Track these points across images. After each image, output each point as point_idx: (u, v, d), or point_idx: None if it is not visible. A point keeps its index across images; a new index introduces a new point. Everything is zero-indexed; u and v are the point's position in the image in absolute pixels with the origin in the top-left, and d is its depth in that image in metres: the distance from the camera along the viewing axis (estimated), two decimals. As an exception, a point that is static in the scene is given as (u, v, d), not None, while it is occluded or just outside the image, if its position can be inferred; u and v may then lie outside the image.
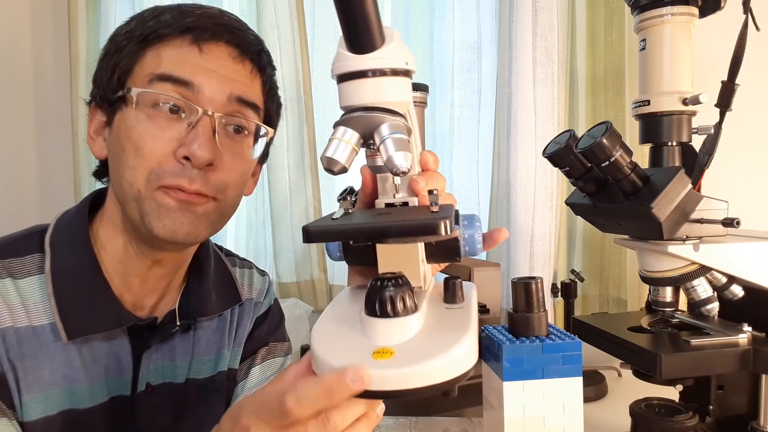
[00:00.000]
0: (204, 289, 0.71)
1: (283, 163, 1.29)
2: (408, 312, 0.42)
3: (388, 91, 0.43)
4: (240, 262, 0.81)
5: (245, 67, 0.63)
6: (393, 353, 0.39)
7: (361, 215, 0.46)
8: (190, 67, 0.59)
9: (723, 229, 0.71)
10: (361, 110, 0.43)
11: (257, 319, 0.78)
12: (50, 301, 0.59)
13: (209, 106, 0.59)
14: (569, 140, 0.74)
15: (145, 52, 0.60)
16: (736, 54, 0.77)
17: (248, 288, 0.79)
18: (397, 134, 0.42)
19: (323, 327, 0.45)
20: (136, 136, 0.58)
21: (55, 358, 0.59)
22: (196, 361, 0.71)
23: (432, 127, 1.37)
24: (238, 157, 0.63)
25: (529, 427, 0.55)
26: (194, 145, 0.57)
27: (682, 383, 0.78)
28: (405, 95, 0.45)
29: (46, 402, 0.58)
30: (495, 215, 1.30)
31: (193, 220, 0.60)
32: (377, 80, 0.43)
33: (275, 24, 1.26)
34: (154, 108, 0.59)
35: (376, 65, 0.42)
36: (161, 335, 0.67)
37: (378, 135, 0.43)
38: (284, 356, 0.79)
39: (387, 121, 0.43)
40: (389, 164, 0.42)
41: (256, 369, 0.76)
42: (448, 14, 1.37)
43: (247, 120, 0.63)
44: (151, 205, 0.58)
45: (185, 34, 0.60)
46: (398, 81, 0.44)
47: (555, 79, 1.22)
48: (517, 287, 0.58)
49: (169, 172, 0.58)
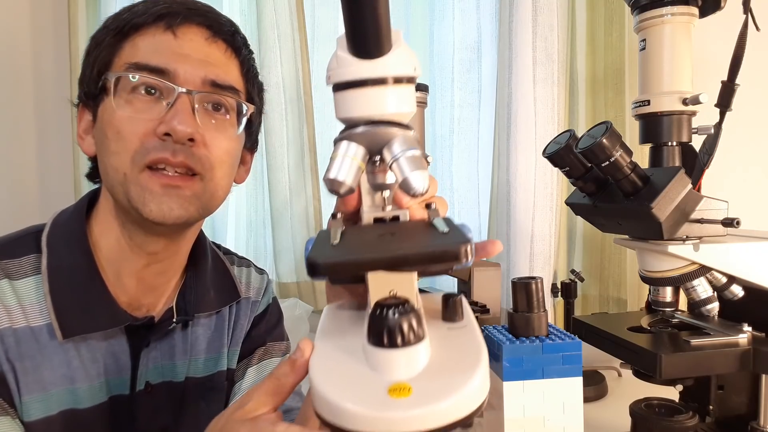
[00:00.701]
0: (201, 285, 0.71)
1: (283, 163, 1.29)
2: (418, 339, 0.38)
3: (397, 101, 0.39)
4: (238, 260, 0.81)
5: (219, 48, 0.63)
6: (410, 389, 0.36)
7: (361, 238, 0.41)
8: (164, 54, 0.60)
9: (723, 229, 0.71)
10: (367, 124, 0.39)
11: (255, 319, 0.78)
12: (46, 300, 0.59)
13: (185, 86, 0.60)
14: (569, 140, 0.74)
15: (122, 44, 0.61)
16: (736, 54, 0.77)
17: (246, 287, 0.78)
18: (411, 151, 0.39)
19: (322, 361, 0.40)
20: (117, 121, 0.59)
21: (54, 358, 0.59)
22: (195, 359, 0.71)
23: (432, 127, 1.37)
24: (221, 132, 0.63)
25: (529, 427, 0.55)
26: (174, 121, 0.58)
27: (682, 383, 0.78)
28: (413, 105, 0.41)
29: (46, 402, 0.58)
30: (495, 215, 1.30)
31: (182, 204, 0.60)
32: (385, 89, 0.38)
33: (275, 24, 1.26)
34: (132, 93, 0.59)
35: (385, 72, 0.38)
36: (159, 333, 0.67)
37: (389, 152, 0.39)
38: (281, 356, 0.79)
39: (398, 136, 0.39)
40: (405, 186, 0.38)
41: (252, 369, 0.76)
42: (448, 14, 1.36)
43: (226, 99, 0.63)
44: (136, 190, 0.59)
45: (158, 21, 0.61)
46: (407, 89, 0.40)
47: (555, 79, 1.22)
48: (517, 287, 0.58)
49: (151, 148, 0.58)
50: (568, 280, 1.14)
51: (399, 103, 0.39)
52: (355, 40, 0.37)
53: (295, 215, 1.30)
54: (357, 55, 0.37)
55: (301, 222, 1.30)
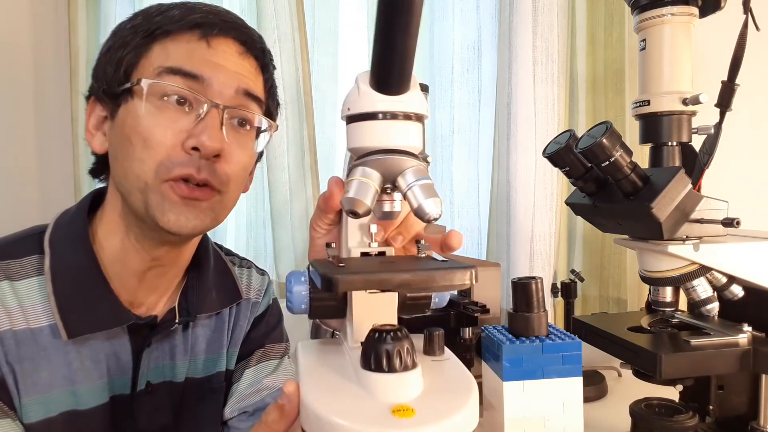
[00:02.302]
0: (204, 286, 0.71)
1: (283, 163, 1.29)
2: (414, 366, 0.41)
3: (414, 135, 0.43)
4: (239, 261, 0.81)
5: (250, 63, 0.64)
6: (413, 411, 0.38)
7: (365, 263, 0.44)
8: (198, 61, 0.60)
9: (723, 229, 0.71)
10: (382, 153, 0.42)
11: (255, 320, 0.78)
12: (50, 300, 0.59)
13: (218, 99, 0.60)
14: (569, 140, 0.74)
15: (152, 45, 0.60)
16: (736, 54, 0.77)
17: (247, 288, 0.78)
18: (424, 180, 0.42)
19: (312, 389, 0.42)
20: (145, 127, 0.58)
21: (54, 360, 0.59)
22: (195, 359, 0.71)
23: (432, 127, 1.37)
24: (243, 150, 0.63)
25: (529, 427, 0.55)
26: (203, 136, 0.58)
27: (682, 383, 0.78)
28: (422, 141, 0.45)
29: (46, 404, 0.58)
30: (495, 215, 1.30)
31: (198, 215, 0.60)
32: (406, 123, 0.42)
33: (275, 24, 1.26)
34: (162, 100, 0.59)
35: (407, 108, 0.42)
36: (161, 333, 0.67)
37: (403, 180, 0.42)
38: (280, 358, 0.79)
39: (411, 166, 0.42)
40: (420, 212, 0.41)
41: (250, 371, 0.76)
42: (448, 14, 1.36)
43: (253, 113, 0.64)
44: (157, 199, 0.58)
45: (194, 29, 0.60)
46: (419, 127, 0.43)
47: (555, 79, 1.22)
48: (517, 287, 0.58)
49: (177, 163, 0.58)
50: (568, 280, 1.14)
51: (415, 137, 0.43)
52: (382, 77, 0.40)
53: (295, 215, 1.30)
54: (382, 90, 0.41)
55: (301, 222, 1.30)
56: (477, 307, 1.04)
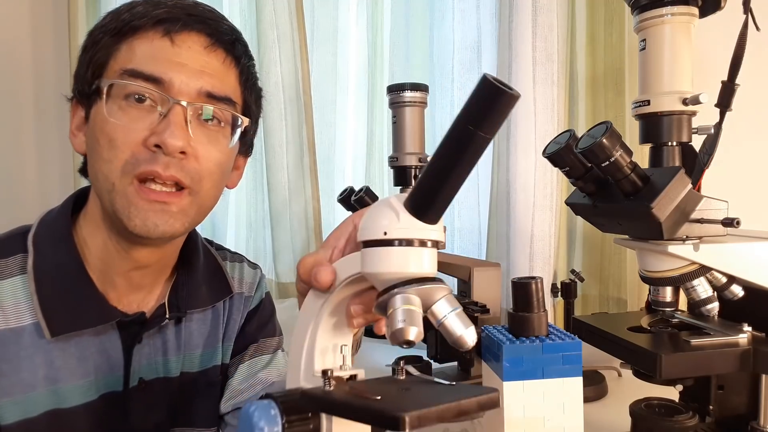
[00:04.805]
0: (194, 281, 0.71)
1: (282, 164, 1.29)
2: None
3: (435, 263, 0.42)
4: (231, 255, 0.81)
5: (218, 57, 0.62)
6: None
7: (392, 392, 0.41)
8: (160, 63, 0.59)
9: (723, 229, 0.71)
10: (420, 281, 0.41)
11: (248, 314, 0.78)
12: (33, 299, 0.59)
13: (180, 97, 0.59)
14: (569, 140, 0.74)
15: (119, 45, 0.60)
16: (736, 54, 0.77)
17: (239, 282, 0.78)
18: (458, 309, 0.41)
19: None
20: (109, 128, 0.58)
21: (35, 359, 0.59)
22: (189, 354, 0.71)
23: (432, 127, 1.37)
24: (214, 146, 0.62)
25: (529, 427, 0.55)
26: (165, 133, 0.57)
27: (682, 383, 0.78)
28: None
29: (24, 405, 0.58)
30: (495, 215, 1.30)
31: (168, 219, 0.59)
32: (435, 251, 0.42)
33: (274, 24, 1.26)
34: (125, 100, 0.58)
35: (442, 237, 0.42)
36: (151, 329, 0.66)
37: (439, 309, 0.41)
38: (273, 352, 0.79)
39: (444, 294, 0.42)
40: (459, 342, 0.41)
41: (244, 366, 0.76)
42: (448, 14, 1.37)
43: (221, 110, 0.62)
44: (122, 202, 0.58)
45: (157, 25, 0.59)
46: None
47: (555, 79, 1.22)
48: (517, 287, 0.58)
49: (142, 160, 0.57)
50: (568, 280, 1.14)
51: (435, 264, 0.43)
52: (430, 207, 0.40)
53: (294, 215, 1.30)
54: (423, 218, 0.40)
55: (300, 222, 1.30)
56: (477, 307, 1.04)
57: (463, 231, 1.46)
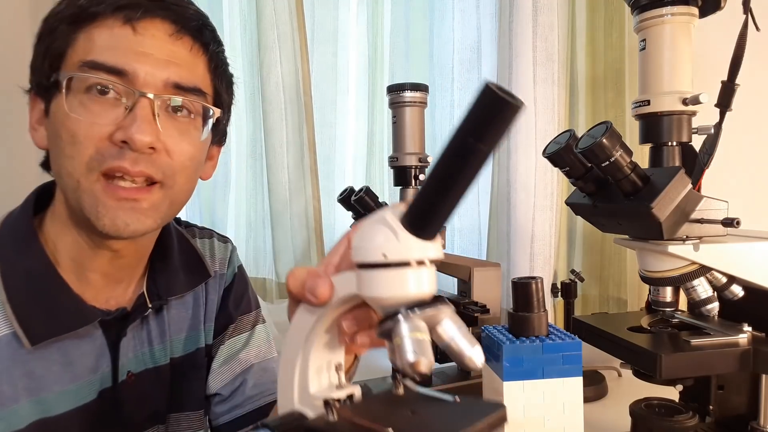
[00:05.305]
0: (170, 268, 0.69)
1: (282, 163, 1.29)
2: None
3: (435, 280, 0.40)
4: (199, 231, 0.78)
5: (184, 45, 0.58)
6: None
7: (402, 417, 0.40)
8: (122, 53, 0.55)
9: (723, 229, 0.71)
10: (425, 303, 0.39)
11: (224, 292, 0.76)
12: (6, 309, 0.55)
13: (146, 89, 0.55)
14: (569, 140, 0.74)
15: (77, 34, 0.56)
16: (736, 54, 0.77)
17: (211, 260, 0.76)
18: (465, 328, 0.40)
19: None
20: (72, 123, 0.54)
21: (14, 372, 0.55)
22: (175, 339, 0.70)
23: (432, 127, 1.37)
24: (185, 139, 0.59)
25: (529, 427, 0.55)
26: (132, 129, 0.53)
27: (682, 383, 0.78)
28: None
29: (9, 418, 0.55)
30: (495, 215, 1.30)
31: (138, 217, 0.56)
32: (434, 269, 0.39)
33: (275, 24, 1.26)
34: (86, 93, 0.55)
35: (439, 254, 0.39)
36: (135, 321, 0.65)
37: (444, 330, 0.39)
38: (251, 329, 0.77)
39: (450, 314, 0.40)
40: (468, 364, 0.39)
41: (224, 347, 0.75)
42: (448, 14, 1.37)
43: (190, 101, 0.59)
44: (89, 201, 0.55)
45: (117, 12, 0.55)
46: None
47: (555, 79, 1.22)
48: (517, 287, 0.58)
49: (108, 156, 0.54)
50: (568, 280, 1.14)
51: (435, 282, 0.40)
52: (430, 224, 0.37)
53: (294, 215, 1.30)
54: (421, 235, 0.37)
55: (300, 222, 1.30)
56: (477, 307, 1.04)
57: (463, 231, 1.46)
